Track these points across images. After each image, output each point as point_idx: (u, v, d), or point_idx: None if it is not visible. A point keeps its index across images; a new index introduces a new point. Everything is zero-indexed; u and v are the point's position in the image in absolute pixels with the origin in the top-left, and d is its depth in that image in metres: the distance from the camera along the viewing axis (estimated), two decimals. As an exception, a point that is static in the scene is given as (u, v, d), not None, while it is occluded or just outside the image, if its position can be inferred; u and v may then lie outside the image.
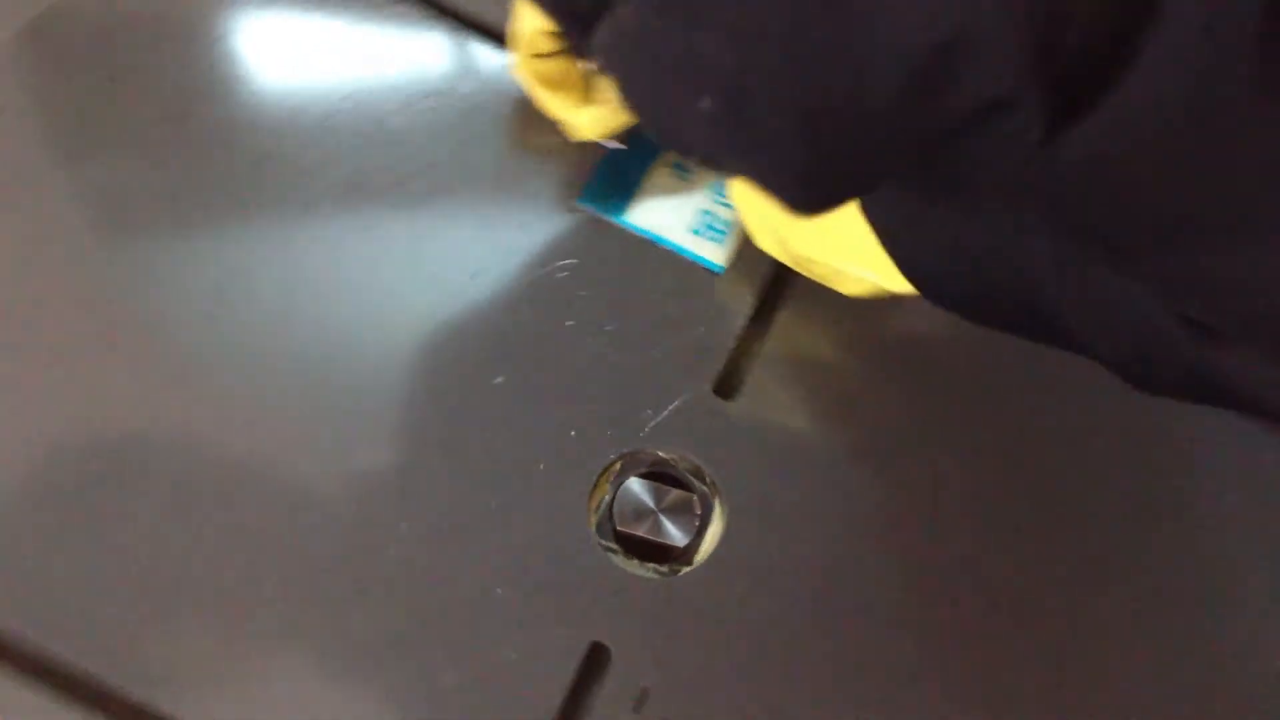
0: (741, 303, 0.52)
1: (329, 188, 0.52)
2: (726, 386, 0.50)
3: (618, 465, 0.48)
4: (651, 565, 0.47)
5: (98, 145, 0.52)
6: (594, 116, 0.51)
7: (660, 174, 0.54)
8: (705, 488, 0.48)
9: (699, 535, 0.47)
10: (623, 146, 0.54)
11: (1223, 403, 0.40)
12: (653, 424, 0.49)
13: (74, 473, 0.46)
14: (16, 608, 0.43)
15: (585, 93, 0.52)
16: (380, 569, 0.45)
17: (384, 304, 0.50)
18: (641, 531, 0.47)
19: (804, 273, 0.50)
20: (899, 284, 0.45)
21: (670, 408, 0.49)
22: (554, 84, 0.52)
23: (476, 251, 0.52)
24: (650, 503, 0.47)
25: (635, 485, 0.48)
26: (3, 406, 0.46)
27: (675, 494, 0.47)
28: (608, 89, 0.52)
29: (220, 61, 0.55)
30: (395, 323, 0.50)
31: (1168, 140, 0.28)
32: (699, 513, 0.47)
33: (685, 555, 0.47)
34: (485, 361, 0.49)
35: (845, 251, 0.46)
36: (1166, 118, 0.27)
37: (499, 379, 0.49)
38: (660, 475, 0.48)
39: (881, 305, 0.50)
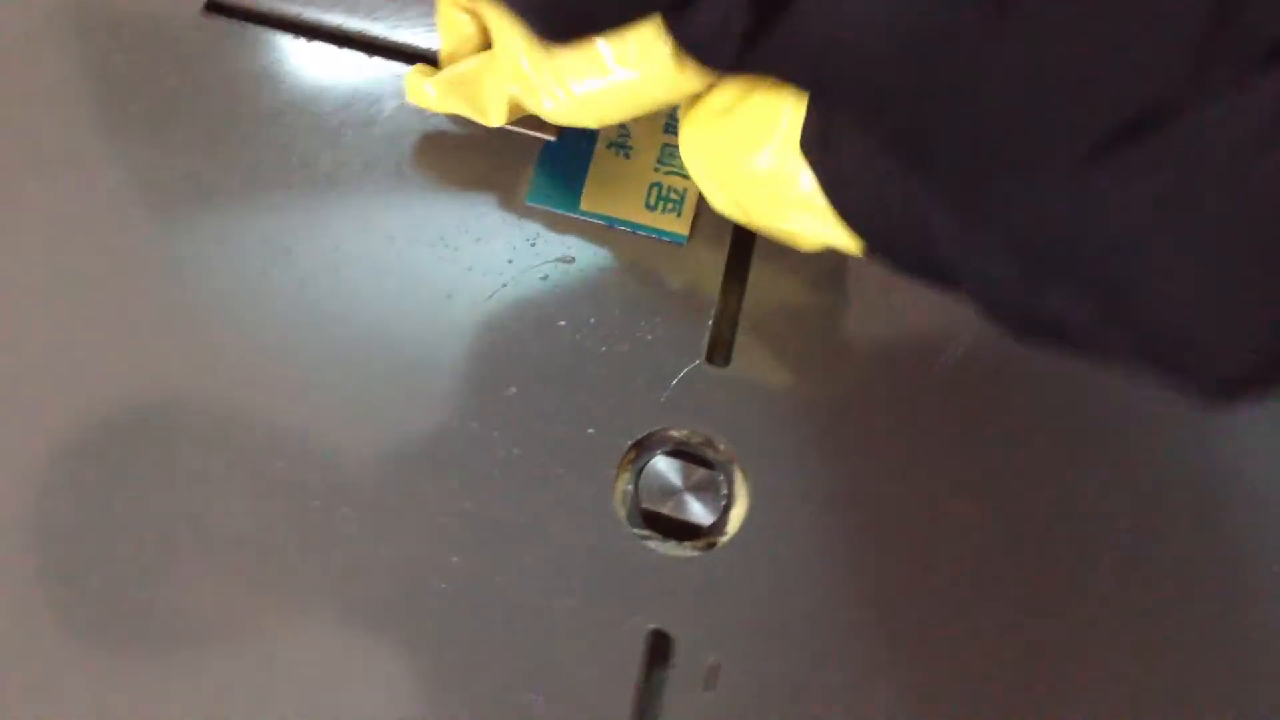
0: (712, 268, 0.52)
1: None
2: (717, 354, 0.51)
3: (633, 453, 0.48)
4: (689, 544, 0.47)
5: (121, 134, 0.53)
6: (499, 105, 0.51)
7: (603, 158, 0.54)
8: (721, 456, 0.48)
9: (727, 508, 0.48)
10: (554, 138, 0.54)
11: (1066, 347, 0.40)
12: (660, 401, 0.49)
13: (116, 438, 0.48)
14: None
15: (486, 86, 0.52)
16: (426, 600, 0.45)
17: (365, 336, 0.49)
18: (668, 510, 0.47)
19: (763, 233, 0.50)
20: (846, 242, 0.45)
21: (670, 386, 0.49)
22: (458, 85, 0.51)
23: (444, 272, 0.51)
24: (675, 482, 0.48)
25: (657, 466, 0.48)
26: (47, 379, 0.49)
27: (699, 471, 0.48)
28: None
29: (247, 47, 0.53)
30: (381, 354, 0.49)
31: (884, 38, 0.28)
32: (724, 486, 0.48)
33: (717, 528, 0.47)
34: (491, 376, 0.49)
35: (795, 211, 0.46)
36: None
37: (512, 389, 0.48)
38: (677, 454, 0.48)
39: (847, 259, 0.51)
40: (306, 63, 0.55)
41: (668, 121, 0.55)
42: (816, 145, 0.42)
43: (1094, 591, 0.47)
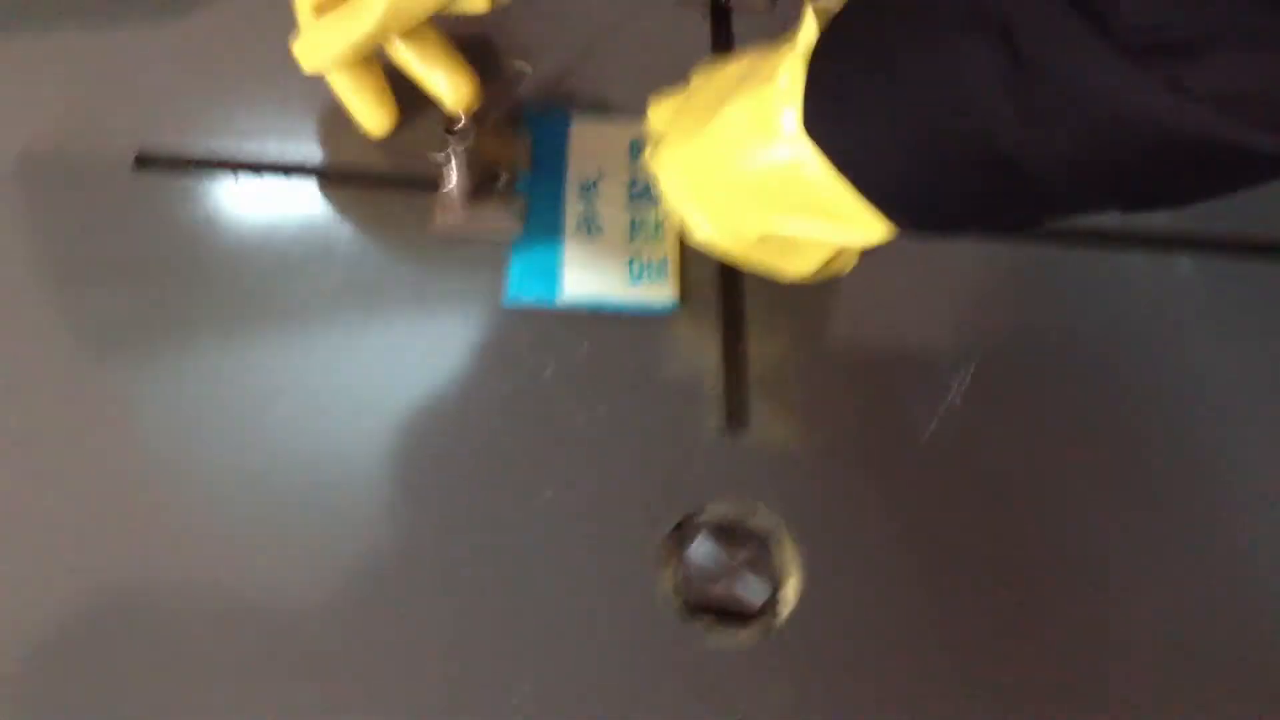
0: (709, 331, 0.51)
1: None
2: (735, 420, 0.49)
3: (673, 539, 0.46)
4: (748, 627, 0.45)
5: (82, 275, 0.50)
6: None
7: (574, 241, 0.52)
8: (763, 524, 0.46)
9: (778, 583, 0.45)
10: (518, 234, 0.52)
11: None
12: (689, 478, 0.47)
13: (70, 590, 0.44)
14: None
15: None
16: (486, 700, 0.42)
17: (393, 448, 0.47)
18: (719, 592, 0.45)
19: (747, 265, 0.49)
20: (857, 228, 0.43)
21: (695, 461, 0.47)
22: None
23: (445, 391, 0.48)
24: (720, 563, 0.45)
25: (700, 549, 0.46)
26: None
27: (743, 549, 0.46)
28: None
29: (184, 196, 0.51)
30: (410, 476, 0.46)
31: None
32: (772, 558, 0.46)
33: (772, 605, 0.45)
34: (524, 481, 0.47)
35: (799, 209, 0.44)
36: None
37: (549, 492, 0.46)
38: (718, 532, 0.46)
39: (838, 294, 0.50)
40: (250, 200, 0.53)
41: (631, 193, 0.53)
42: (824, 122, 0.40)
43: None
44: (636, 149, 0.54)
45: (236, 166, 0.53)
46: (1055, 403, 0.50)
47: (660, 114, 0.52)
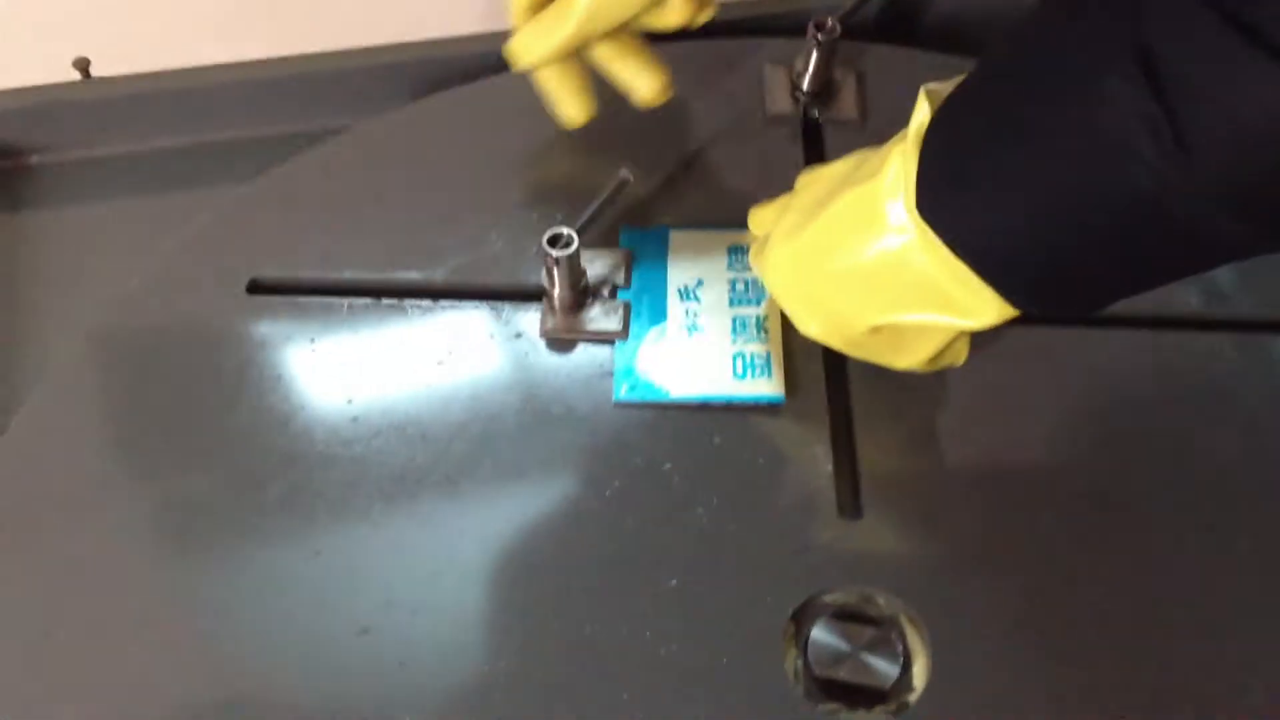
0: (818, 423, 0.51)
1: (375, 481, 0.49)
2: (848, 508, 0.48)
3: (793, 625, 0.45)
4: (879, 709, 0.43)
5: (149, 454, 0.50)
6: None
7: (678, 342, 0.53)
8: (885, 610, 0.45)
9: (907, 665, 0.44)
10: (624, 334, 0.53)
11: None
12: (808, 566, 0.46)
13: None
14: None
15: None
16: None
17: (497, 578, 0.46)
18: (845, 676, 0.44)
19: (857, 354, 0.48)
20: (971, 312, 0.42)
21: (812, 550, 0.47)
22: None
23: (569, 481, 0.49)
24: (844, 646, 0.44)
25: (821, 633, 0.44)
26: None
27: (867, 631, 0.45)
28: None
29: (253, 366, 0.52)
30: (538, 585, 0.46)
31: None
32: (898, 643, 0.44)
33: (903, 686, 0.44)
34: (645, 575, 0.47)
35: (909, 298, 0.43)
36: None
37: (673, 581, 0.46)
38: (839, 616, 0.45)
39: (943, 385, 0.50)
40: (362, 322, 0.54)
41: (731, 295, 0.54)
42: (938, 203, 0.40)
43: None
44: (735, 254, 0.55)
45: (346, 291, 0.55)
46: (1185, 495, 0.49)
47: (762, 217, 0.53)
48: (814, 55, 0.60)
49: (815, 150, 0.60)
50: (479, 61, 0.62)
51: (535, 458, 0.50)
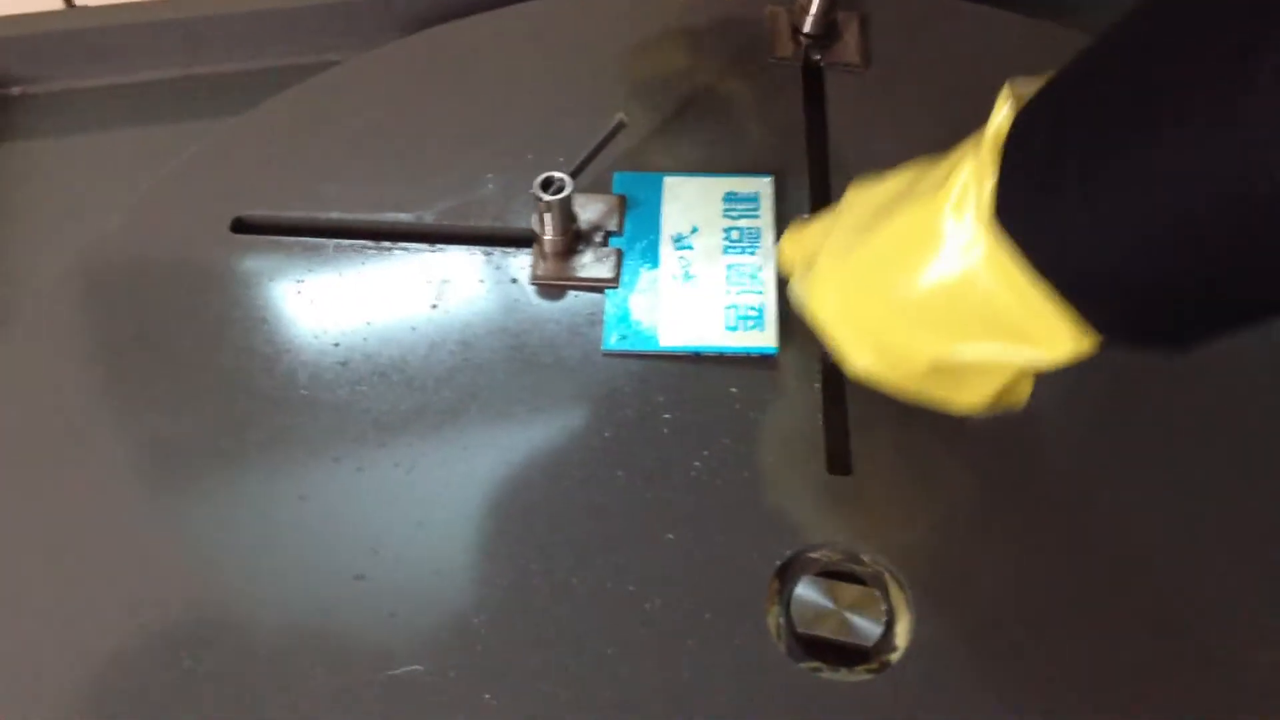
0: (808, 376, 0.50)
1: (360, 427, 0.48)
2: (838, 464, 0.48)
3: (776, 581, 0.45)
4: (860, 668, 0.43)
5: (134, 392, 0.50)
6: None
7: (670, 290, 0.52)
8: (869, 569, 0.45)
9: (890, 624, 0.44)
10: (615, 281, 0.52)
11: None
12: (795, 521, 0.46)
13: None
14: None
15: None
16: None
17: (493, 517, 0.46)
18: (828, 634, 0.44)
19: (912, 394, 0.43)
20: (1046, 345, 0.36)
21: (801, 503, 0.46)
22: None
23: (564, 441, 0.48)
24: (828, 604, 0.44)
25: (806, 590, 0.44)
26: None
27: (852, 589, 0.44)
28: None
29: (237, 307, 0.51)
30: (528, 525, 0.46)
31: None
32: (881, 601, 0.44)
33: (885, 645, 0.43)
34: (645, 525, 0.46)
35: (977, 328, 0.38)
36: None
37: (659, 534, 0.45)
38: (824, 574, 0.45)
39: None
40: (348, 263, 0.53)
41: (726, 244, 0.53)
42: (1023, 214, 0.34)
43: None
44: (730, 201, 0.54)
45: (332, 232, 0.54)
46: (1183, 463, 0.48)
47: (801, 237, 0.47)
48: (816, -3, 0.59)
49: (816, 93, 0.59)
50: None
51: (523, 405, 0.49)
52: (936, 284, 0.37)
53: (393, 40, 0.61)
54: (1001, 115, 0.35)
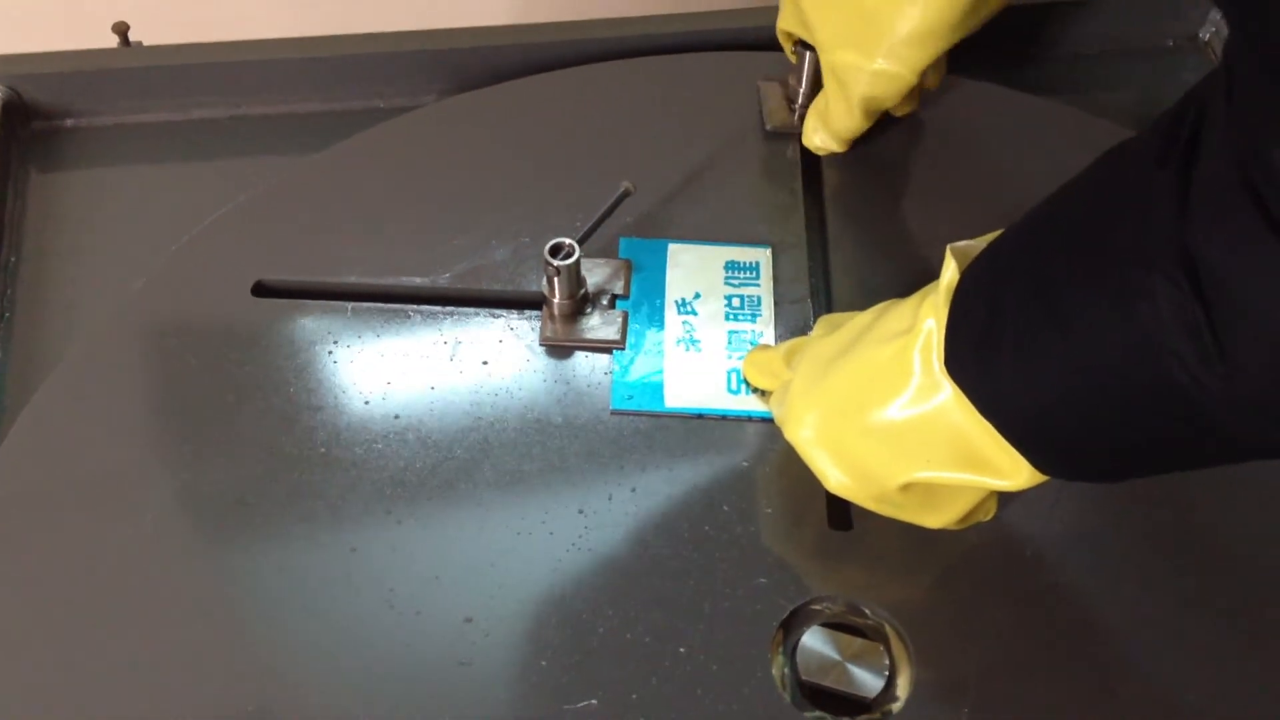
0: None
1: (377, 487, 0.50)
2: (838, 519, 0.50)
3: (780, 633, 0.46)
4: (863, 718, 0.45)
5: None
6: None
7: (675, 355, 0.54)
8: (872, 622, 0.47)
9: (892, 676, 0.45)
10: (622, 347, 0.54)
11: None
12: (797, 576, 0.47)
13: None
14: None
15: None
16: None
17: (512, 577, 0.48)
18: (831, 684, 0.45)
19: (886, 512, 0.47)
20: (1003, 475, 0.41)
21: (804, 558, 0.48)
22: None
23: (579, 506, 0.50)
24: (832, 655, 0.46)
25: (811, 641, 0.46)
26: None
27: (856, 641, 0.46)
28: None
29: (257, 368, 0.53)
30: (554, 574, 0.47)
31: None
32: (884, 655, 0.46)
33: (887, 696, 0.45)
34: (632, 588, 0.48)
35: (942, 457, 0.42)
36: None
37: (666, 587, 0.47)
38: (829, 626, 0.47)
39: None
40: (365, 326, 0.55)
41: (728, 310, 0.55)
42: (968, 364, 0.40)
43: None
44: (732, 269, 0.57)
45: (351, 295, 0.56)
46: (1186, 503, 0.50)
47: (762, 364, 0.52)
48: (806, 70, 0.61)
49: (813, 163, 0.62)
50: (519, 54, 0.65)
51: (534, 465, 0.51)
52: (907, 416, 0.42)
53: (435, 89, 0.65)
54: (950, 271, 0.40)
